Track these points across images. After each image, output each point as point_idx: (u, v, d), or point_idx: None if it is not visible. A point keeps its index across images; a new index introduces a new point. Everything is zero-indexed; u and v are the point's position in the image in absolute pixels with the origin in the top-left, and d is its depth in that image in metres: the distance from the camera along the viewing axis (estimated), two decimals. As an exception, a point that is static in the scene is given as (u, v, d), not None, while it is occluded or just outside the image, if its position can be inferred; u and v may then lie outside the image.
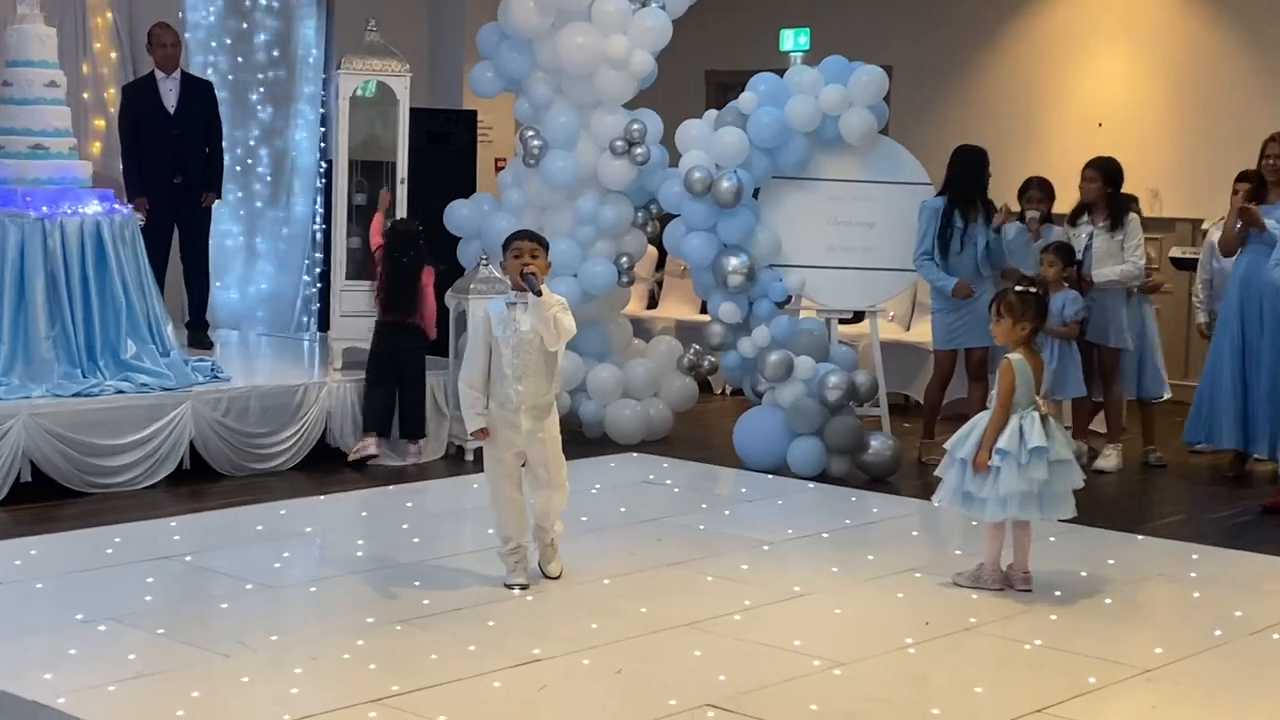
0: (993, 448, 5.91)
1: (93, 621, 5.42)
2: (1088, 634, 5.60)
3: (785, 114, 8.73)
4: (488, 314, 5.99)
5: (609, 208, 9.21)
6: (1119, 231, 8.55)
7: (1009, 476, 5.90)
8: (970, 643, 5.54)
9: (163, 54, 9.61)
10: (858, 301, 9.12)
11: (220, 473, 7.95)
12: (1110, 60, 11.95)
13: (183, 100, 9.63)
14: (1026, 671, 5.22)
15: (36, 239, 7.71)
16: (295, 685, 4.89)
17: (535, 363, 5.93)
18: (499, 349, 5.94)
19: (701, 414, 10.05)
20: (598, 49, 8.95)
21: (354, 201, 9.18)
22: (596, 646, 5.31)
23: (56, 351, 7.73)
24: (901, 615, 5.83)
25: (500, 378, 5.94)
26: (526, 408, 5.94)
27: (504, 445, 6.01)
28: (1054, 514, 6.09)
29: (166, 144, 9.56)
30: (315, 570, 6.40)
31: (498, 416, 5.98)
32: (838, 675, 5.09)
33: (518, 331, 5.89)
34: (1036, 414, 5.96)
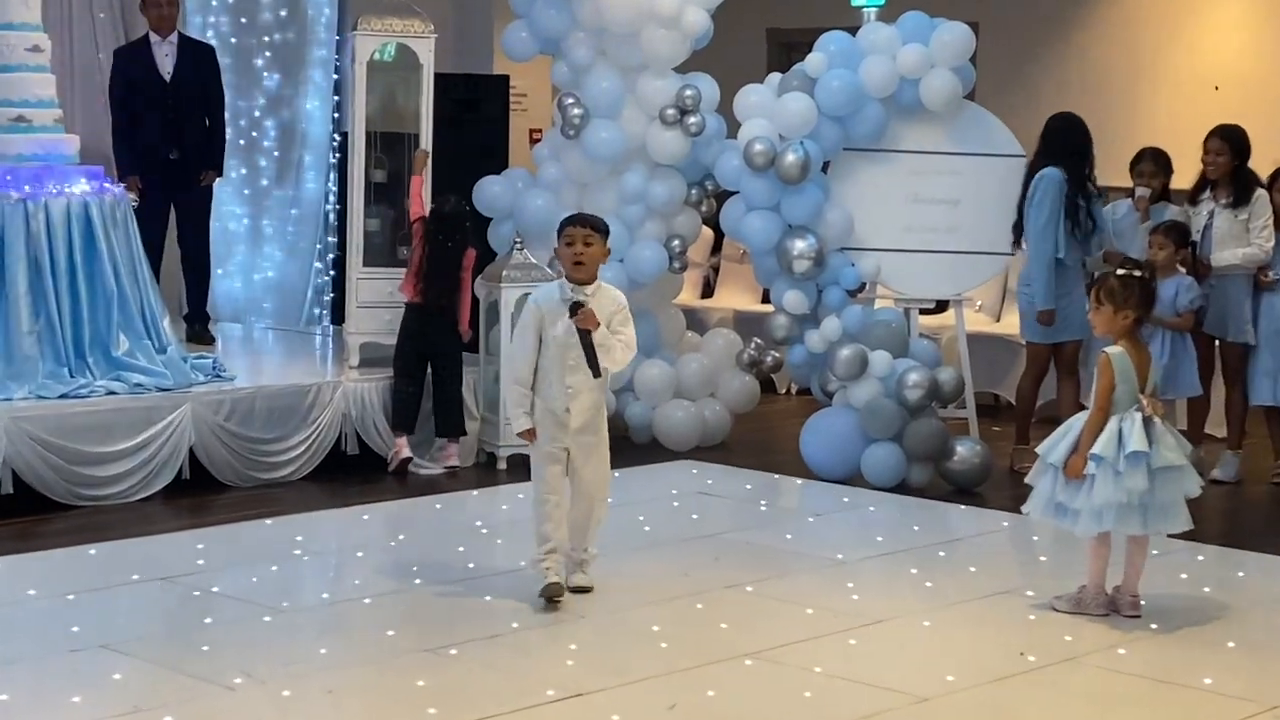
0: (1088, 453, 5.87)
1: (83, 649, 5.47)
2: (1204, 667, 5.55)
3: (858, 77, 8.70)
4: (538, 306, 6.08)
5: (659, 184, 9.20)
6: (1243, 210, 8.45)
7: (1104, 486, 5.85)
8: (1071, 676, 5.50)
9: (157, 14, 9.64)
10: (941, 289, 9.08)
11: (223, 483, 7.99)
12: (1228, 14, 11.86)
13: (180, 66, 9.66)
14: (1134, 709, 5.19)
15: (18, 221, 7.77)
16: (309, 721, 4.92)
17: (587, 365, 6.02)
18: (549, 346, 6.04)
19: (763, 416, 10.04)
20: (645, 5, 8.95)
21: (372, 179, 9.22)
22: (647, 679, 5.31)
23: (41, 348, 7.79)
24: (993, 644, 5.80)
25: (548, 378, 6.04)
26: (577, 410, 6.03)
27: (549, 445, 6.11)
28: (1162, 527, 6.04)
29: (161, 115, 9.60)
30: (331, 592, 6.42)
31: (546, 417, 6.08)
32: (920, 712, 5.07)
33: (573, 331, 5.96)
34: (1139, 415, 5.91)
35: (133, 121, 9.63)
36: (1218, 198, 8.52)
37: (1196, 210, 8.57)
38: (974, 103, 9.21)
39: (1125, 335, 6.03)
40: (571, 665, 5.44)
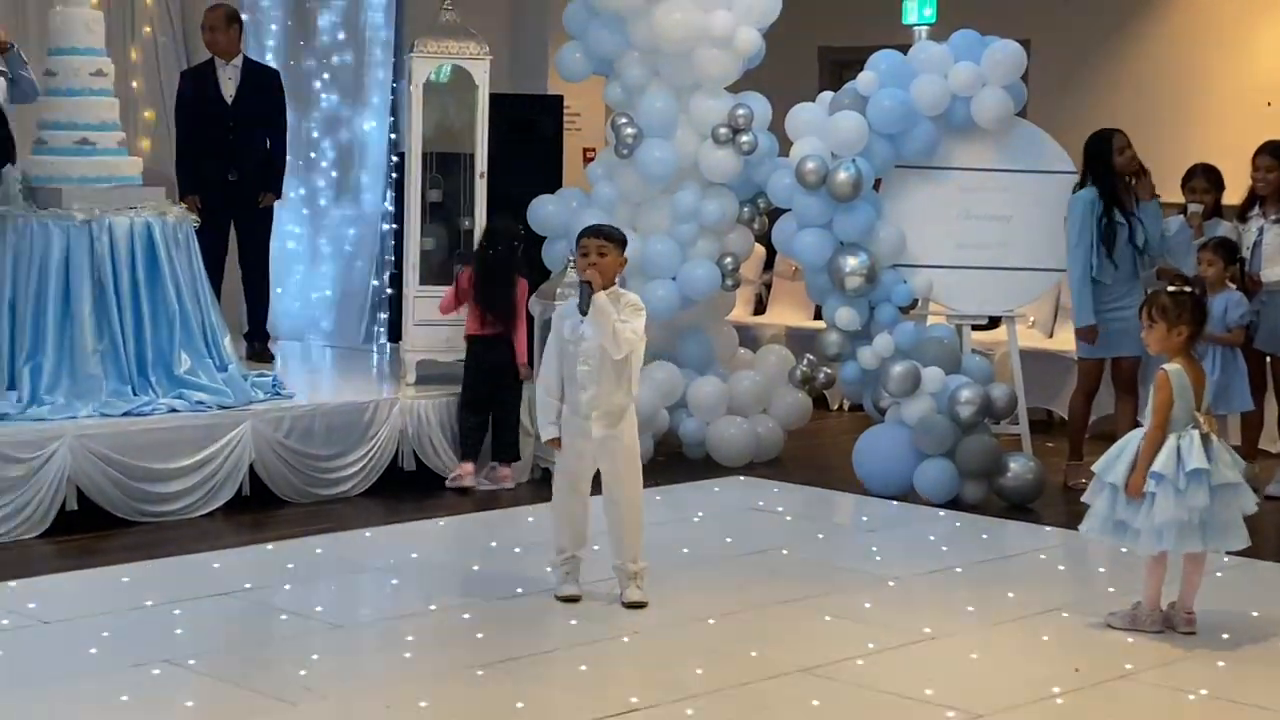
0: (1148, 471, 5.83)
1: (146, 664, 5.49)
2: (1261, 684, 5.51)
3: (910, 96, 8.68)
4: (560, 317, 6.22)
5: (711, 202, 9.20)
6: (1292, 225, 8.42)
7: (1165, 504, 5.81)
8: (1126, 693, 5.46)
9: (210, 39, 9.71)
10: (993, 305, 9.04)
11: (283, 499, 8.02)
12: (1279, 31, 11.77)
13: (242, 90, 9.72)
14: (1192, 725, 5.15)
15: (83, 243, 7.82)
16: (369, 736, 4.93)
17: (604, 369, 6.10)
18: (565, 352, 6.14)
19: (816, 432, 10.02)
20: (698, 25, 8.96)
21: (428, 198, 9.25)
22: (701, 694, 5.30)
23: (105, 367, 7.83)
24: (1047, 661, 5.76)
25: (570, 383, 6.15)
26: (598, 414, 6.11)
27: (573, 456, 6.20)
28: (1221, 545, 5.99)
29: (221, 137, 9.66)
30: (389, 608, 6.45)
31: (569, 424, 6.17)
32: (976, 728, 5.05)
33: (583, 338, 6.06)
34: (1197, 432, 5.87)
35: (194, 142, 9.70)
36: (1267, 213, 8.46)
37: (1246, 226, 8.51)
38: (1025, 120, 9.17)
39: (1180, 352, 5.99)
40: (626, 680, 5.44)
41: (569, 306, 6.22)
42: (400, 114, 11.01)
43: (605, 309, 6.03)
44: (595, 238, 6.18)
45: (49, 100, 8.28)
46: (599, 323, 6.03)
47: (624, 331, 6.06)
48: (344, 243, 11.72)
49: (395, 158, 11.23)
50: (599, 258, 6.10)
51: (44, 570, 6.71)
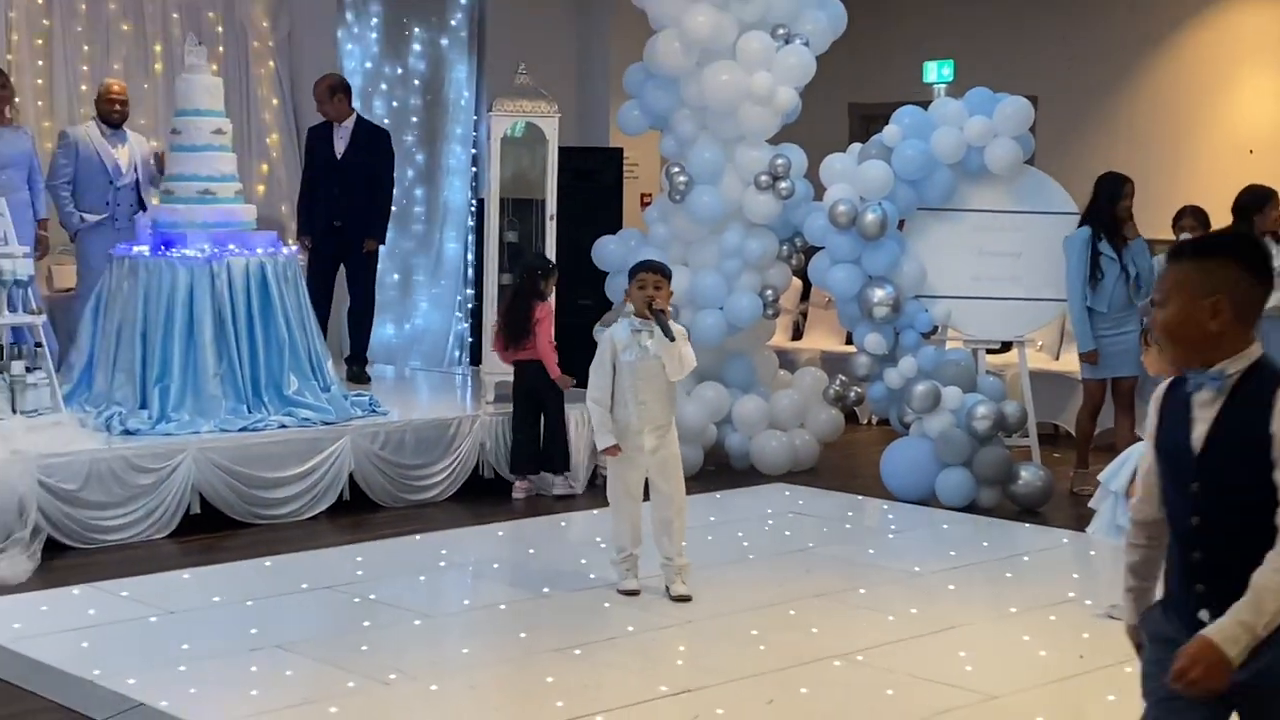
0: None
1: (260, 649, 5.53)
2: (1247, 668, 5.45)
3: (930, 146, 8.67)
4: (613, 338, 6.16)
5: (754, 241, 9.20)
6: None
7: None
8: (1126, 677, 5.40)
9: (319, 107, 9.74)
10: (1005, 332, 9.00)
11: (378, 504, 8.04)
12: (1260, 84, 11.67)
13: (351, 148, 9.72)
14: (1184, 706, 5.10)
15: (204, 280, 7.88)
16: (454, 714, 4.94)
17: (657, 386, 6.10)
18: (622, 372, 6.10)
19: (848, 445, 9.98)
20: (742, 85, 8.97)
21: (505, 239, 9.28)
22: (747, 677, 5.29)
23: (224, 388, 7.88)
24: (1055, 648, 5.72)
25: (622, 399, 6.10)
26: (650, 427, 6.09)
27: (627, 464, 6.16)
28: None
29: (330, 189, 9.69)
30: (471, 599, 6.47)
31: (621, 432, 6.13)
32: (993, 709, 5.02)
33: (643, 356, 6.02)
34: None
35: (309, 191, 9.75)
36: None
37: None
38: (1033, 167, 9.13)
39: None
40: (680, 665, 5.44)
41: (620, 331, 6.15)
42: (480, 165, 11.08)
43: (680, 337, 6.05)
44: (652, 272, 6.16)
45: (175, 155, 8.36)
46: (668, 348, 6.01)
47: (687, 355, 6.07)
48: (431, 278, 11.79)
49: (475, 204, 11.30)
50: (655, 290, 6.09)
51: (171, 566, 6.77)
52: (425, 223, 11.77)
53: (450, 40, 11.90)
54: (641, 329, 6.08)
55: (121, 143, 9.26)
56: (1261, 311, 2.99)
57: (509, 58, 10.18)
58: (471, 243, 11.54)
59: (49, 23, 10.12)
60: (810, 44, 9.15)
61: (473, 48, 12.00)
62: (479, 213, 10.61)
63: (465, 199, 11.76)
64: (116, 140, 9.24)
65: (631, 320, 6.16)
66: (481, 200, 10.24)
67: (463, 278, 11.75)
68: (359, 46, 11.54)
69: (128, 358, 7.88)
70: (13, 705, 5.03)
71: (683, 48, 9.00)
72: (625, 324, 6.18)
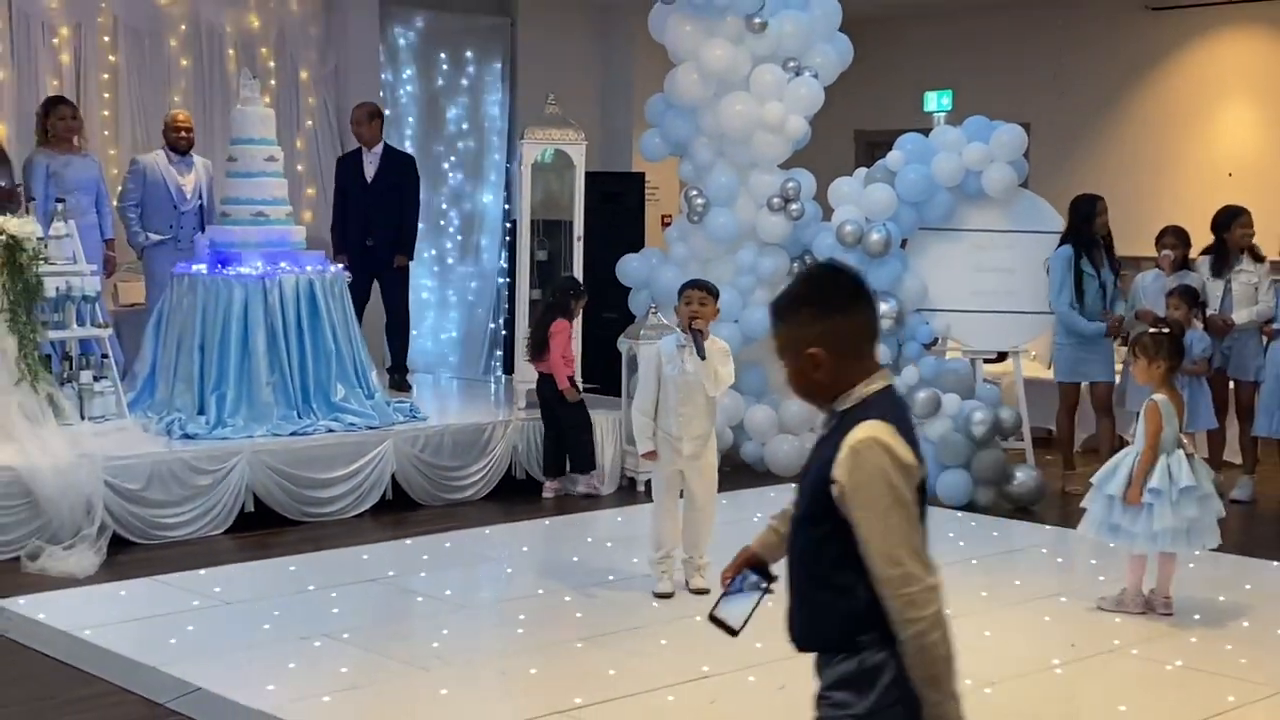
0: (1144, 486, 5.75)
1: (309, 638, 5.54)
2: (1226, 656, 5.43)
3: (930, 170, 8.66)
4: (659, 352, 6.13)
5: (767, 259, 9.20)
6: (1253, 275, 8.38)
7: (1163, 514, 5.72)
8: (1114, 664, 5.40)
9: (356, 131, 9.75)
10: (1001, 343, 8.99)
11: (418, 502, 8.05)
12: (1237, 113, 11.64)
13: (380, 172, 9.71)
14: (1169, 691, 5.08)
15: (258, 296, 7.91)
16: (487, 697, 4.95)
17: (697, 400, 6.06)
18: (666, 384, 6.07)
19: (854, 448, 9.93)
20: (755, 115, 8.98)
21: (536, 257, 9.29)
22: (760, 664, 5.26)
23: (275, 395, 7.90)
24: (1048, 637, 5.71)
25: (666, 409, 6.08)
26: (689, 437, 6.06)
27: (667, 465, 6.15)
28: (1201, 545, 5.91)
29: (362, 210, 9.66)
30: (504, 591, 6.47)
31: (663, 440, 6.11)
32: (988, 694, 4.99)
33: (684, 372, 5.98)
34: (1183, 453, 5.80)
35: (342, 213, 9.76)
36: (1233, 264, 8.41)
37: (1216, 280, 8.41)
38: (1027, 189, 9.10)
39: (1162, 383, 5.91)
40: (698, 652, 5.42)
41: (667, 345, 6.12)
42: (513, 188, 11.09)
43: (711, 352, 5.99)
44: (698, 289, 6.08)
45: (230, 181, 8.40)
46: (705, 365, 5.97)
47: (723, 373, 6.04)
48: (467, 294, 11.82)
49: (508, 224, 11.32)
50: (700, 307, 6.03)
51: (226, 560, 6.79)
52: (462, 242, 11.80)
53: (485, 73, 11.95)
54: (686, 345, 6.03)
55: (188, 169, 9.29)
56: (870, 335, 2.78)
57: (539, 89, 10.21)
58: (505, 260, 11.56)
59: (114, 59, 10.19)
60: (819, 76, 9.16)
61: (506, 80, 12.05)
62: (512, 233, 10.62)
63: (499, 220, 11.79)
64: (183, 166, 9.28)
65: (678, 335, 6.12)
66: (514, 221, 10.25)
67: (496, 293, 11.78)
68: (400, 79, 11.58)
69: (187, 368, 7.90)
70: (82, 689, 5.05)
71: (700, 80, 9.01)
72: (672, 339, 6.15)
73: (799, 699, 4.93)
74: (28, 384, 7.19)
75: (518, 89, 12.02)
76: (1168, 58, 11.98)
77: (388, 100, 11.33)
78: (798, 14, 9.14)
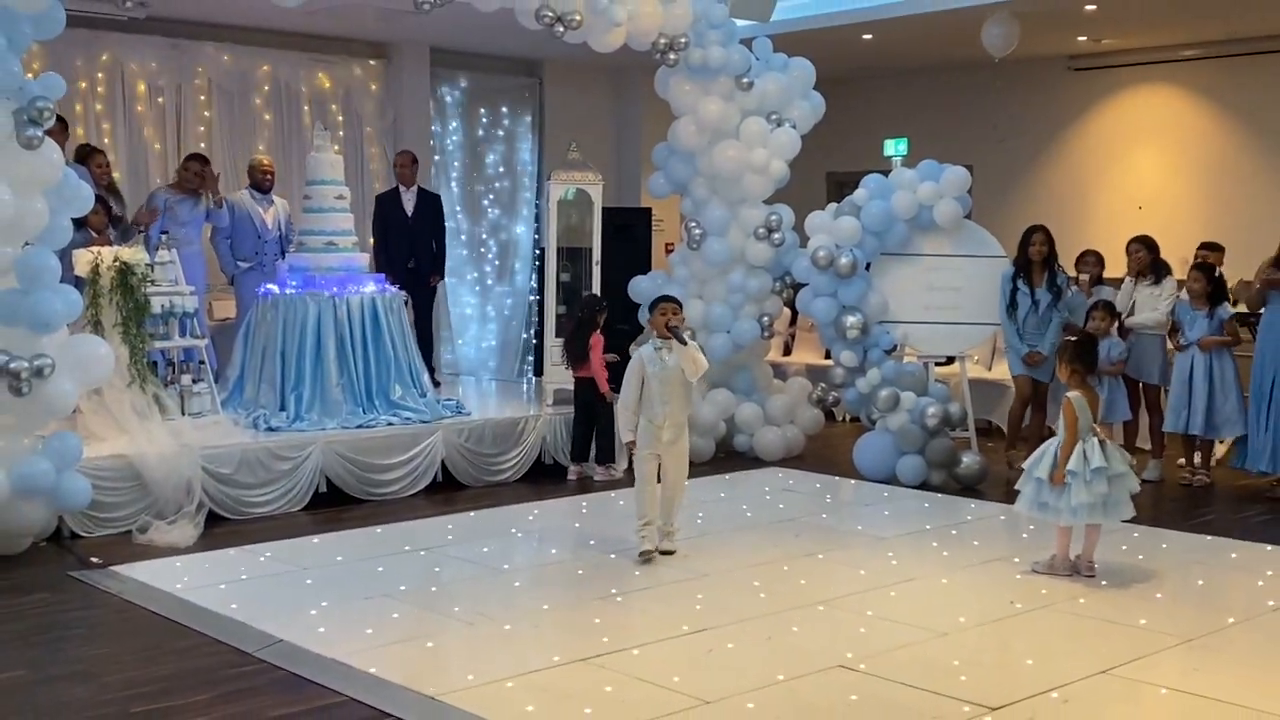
0: (1065, 469, 5.74)
1: (372, 597, 5.54)
2: (1141, 610, 5.40)
3: (890, 205, 8.63)
4: (640, 356, 6.21)
5: (753, 279, 9.18)
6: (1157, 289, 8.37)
7: (1079, 491, 5.72)
8: (1047, 617, 5.37)
9: (401, 174, 9.72)
10: (949, 349, 8.94)
11: (463, 484, 8.03)
12: (1146, 157, 11.62)
13: (418, 208, 9.70)
14: (1093, 640, 5.05)
15: (329, 312, 7.92)
16: (524, 647, 4.93)
17: (677, 390, 6.13)
18: (649, 382, 6.13)
19: (828, 437, 9.93)
20: (744, 159, 8.96)
21: (560, 278, 9.28)
22: (750, 619, 5.27)
23: (344, 395, 7.90)
24: (991, 595, 5.68)
25: (650, 401, 6.13)
26: (670, 424, 6.10)
27: (647, 447, 6.17)
28: (1117, 517, 5.89)
29: (404, 239, 9.62)
30: (536, 558, 6.45)
31: (646, 428, 6.15)
32: (941, 642, 4.98)
33: (665, 367, 6.04)
34: (1096, 439, 5.78)
35: (385, 243, 9.62)
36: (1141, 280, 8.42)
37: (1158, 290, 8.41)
38: (971, 221, 9.08)
39: (1079, 383, 5.91)
40: (698, 609, 5.42)
41: (647, 350, 6.19)
42: (541, 221, 11.09)
43: (690, 348, 6.08)
44: (670, 302, 6.24)
45: (306, 216, 8.40)
46: (683, 355, 6.03)
47: (699, 359, 6.10)
48: (503, 309, 11.82)
49: (538, 251, 11.31)
50: (673, 314, 6.15)
51: (303, 533, 6.78)
52: (499, 266, 11.80)
53: (518, 125, 11.95)
54: (662, 347, 6.14)
55: (270, 205, 9.29)
56: None
57: (563, 138, 10.22)
58: (534, 281, 11.56)
59: (209, 114, 10.22)
60: (796, 126, 9.13)
61: (535, 131, 12.05)
62: (540, 258, 10.61)
63: (530, 247, 11.78)
64: (266, 203, 9.28)
65: (654, 341, 6.20)
66: (542, 248, 10.25)
67: (528, 308, 11.78)
68: (446, 130, 11.59)
69: (270, 372, 7.91)
70: (182, 640, 5.05)
71: (698, 130, 8.99)
72: (650, 346, 6.22)
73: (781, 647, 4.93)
74: (138, 385, 7.20)
75: (545, 138, 12.03)
76: (1088, 110, 11.97)
77: (436, 148, 11.34)
78: (779, 75, 9.12)
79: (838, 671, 4.62)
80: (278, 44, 10.50)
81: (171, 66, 9.96)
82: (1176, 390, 8.12)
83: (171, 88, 10.00)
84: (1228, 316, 8.06)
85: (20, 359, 6.00)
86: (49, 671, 4.70)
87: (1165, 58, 11.35)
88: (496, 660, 4.76)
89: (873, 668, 4.65)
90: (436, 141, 11.40)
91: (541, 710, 4.26)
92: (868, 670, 4.63)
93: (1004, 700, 4.36)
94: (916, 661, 4.73)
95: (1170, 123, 11.46)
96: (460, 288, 11.55)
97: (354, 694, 4.42)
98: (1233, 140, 11.12)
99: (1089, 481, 5.71)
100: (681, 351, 6.06)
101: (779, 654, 4.87)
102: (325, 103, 10.82)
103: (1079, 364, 5.93)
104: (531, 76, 12.09)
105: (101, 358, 6.45)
